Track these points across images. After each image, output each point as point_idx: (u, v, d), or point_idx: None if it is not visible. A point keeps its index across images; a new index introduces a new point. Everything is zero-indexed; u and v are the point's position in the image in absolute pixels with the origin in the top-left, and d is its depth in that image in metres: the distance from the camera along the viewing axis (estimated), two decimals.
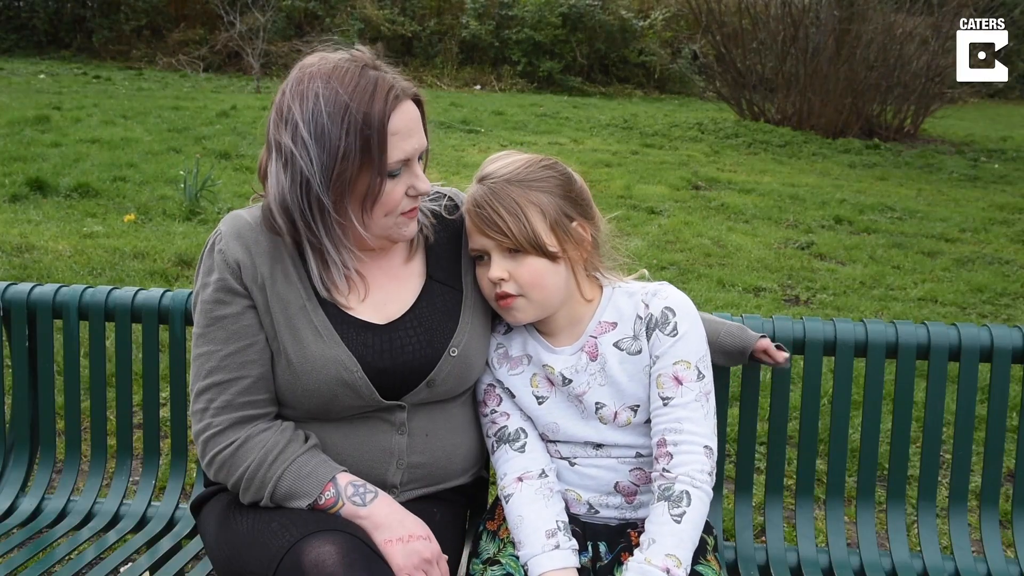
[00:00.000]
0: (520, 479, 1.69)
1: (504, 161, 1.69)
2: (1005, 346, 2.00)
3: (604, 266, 1.75)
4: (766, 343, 1.89)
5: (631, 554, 1.65)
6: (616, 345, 1.69)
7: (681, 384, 1.65)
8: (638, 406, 1.68)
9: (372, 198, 1.58)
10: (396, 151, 1.57)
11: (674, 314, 1.67)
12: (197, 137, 9.53)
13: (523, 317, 1.68)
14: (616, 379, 1.67)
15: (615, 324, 1.70)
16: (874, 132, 12.43)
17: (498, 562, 1.67)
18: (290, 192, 1.57)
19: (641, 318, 1.68)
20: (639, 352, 1.68)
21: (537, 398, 1.72)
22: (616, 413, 1.68)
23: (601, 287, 1.74)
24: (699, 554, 1.64)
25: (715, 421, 1.69)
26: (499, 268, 1.64)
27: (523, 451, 1.72)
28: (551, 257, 1.64)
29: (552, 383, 1.72)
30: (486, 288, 1.69)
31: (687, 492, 1.59)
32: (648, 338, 1.67)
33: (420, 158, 1.66)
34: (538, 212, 1.63)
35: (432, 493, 1.75)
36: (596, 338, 1.69)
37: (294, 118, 1.55)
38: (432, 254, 1.78)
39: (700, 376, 1.66)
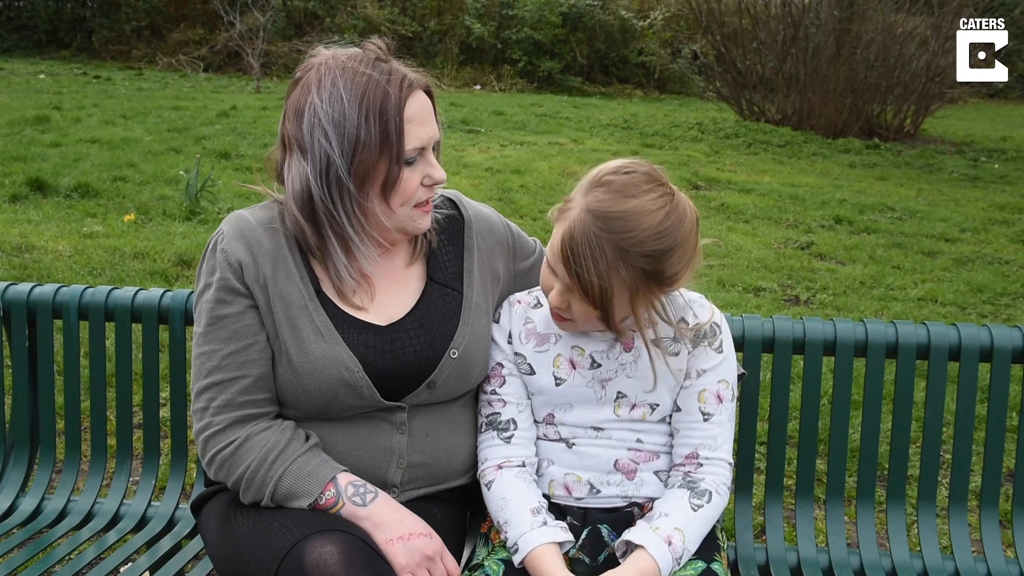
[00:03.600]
0: (500, 467, 1.71)
1: (624, 206, 1.49)
2: (1005, 346, 2.00)
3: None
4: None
5: None
6: (654, 342, 1.64)
7: (721, 402, 1.69)
8: (657, 405, 1.69)
9: (391, 185, 1.60)
10: (412, 138, 1.60)
11: (720, 331, 1.70)
12: (197, 137, 9.52)
13: (573, 331, 1.69)
14: (646, 375, 1.66)
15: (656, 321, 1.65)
16: (874, 132, 12.41)
17: (480, 566, 1.66)
18: (314, 181, 1.59)
19: (687, 323, 1.68)
20: (676, 354, 1.67)
21: (556, 379, 1.71)
22: (634, 406, 1.69)
23: None
24: (714, 551, 1.66)
25: None
26: (560, 298, 1.59)
27: (508, 442, 1.72)
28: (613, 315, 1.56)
29: (575, 365, 1.70)
30: (543, 285, 1.65)
31: (710, 491, 1.65)
32: (693, 346, 1.67)
33: (434, 149, 1.68)
34: (623, 286, 1.51)
35: (432, 493, 1.75)
36: (634, 331, 1.65)
37: (313, 109, 1.58)
38: (433, 256, 1.78)
39: (733, 396, 1.71)
